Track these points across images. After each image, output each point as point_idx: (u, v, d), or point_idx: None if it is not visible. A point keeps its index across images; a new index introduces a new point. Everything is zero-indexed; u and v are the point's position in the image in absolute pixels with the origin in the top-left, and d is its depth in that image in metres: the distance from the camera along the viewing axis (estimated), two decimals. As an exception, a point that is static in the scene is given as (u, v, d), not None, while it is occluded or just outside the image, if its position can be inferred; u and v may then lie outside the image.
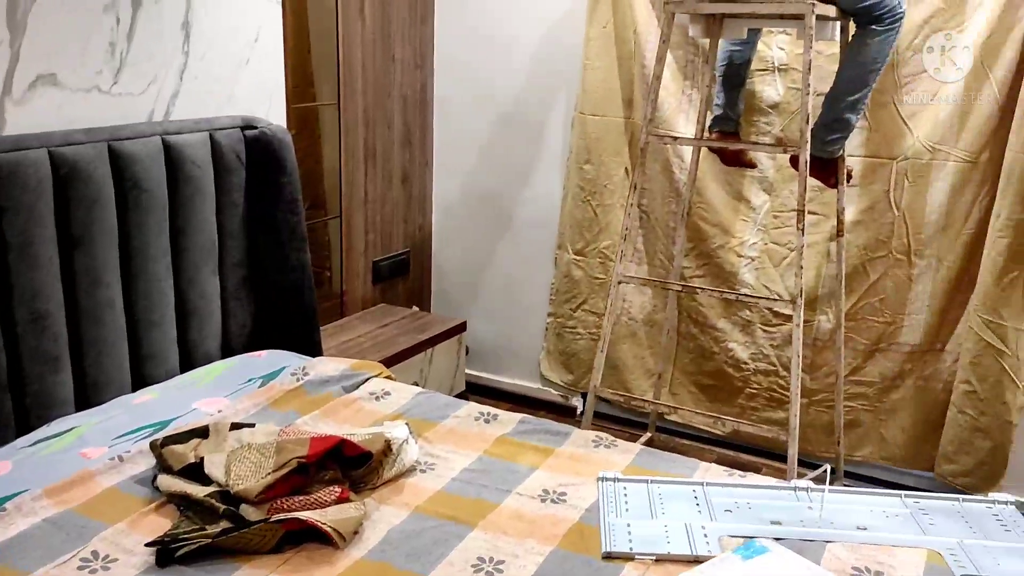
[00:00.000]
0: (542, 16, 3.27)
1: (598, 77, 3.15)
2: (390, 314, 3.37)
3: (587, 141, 3.20)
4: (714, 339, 3.11)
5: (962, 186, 2.73)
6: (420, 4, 3.39)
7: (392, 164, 3.41)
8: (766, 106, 2.93)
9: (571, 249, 3.31)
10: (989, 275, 2.69)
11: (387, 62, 3.29)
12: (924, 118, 2.74)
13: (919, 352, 2.88)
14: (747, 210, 3.02)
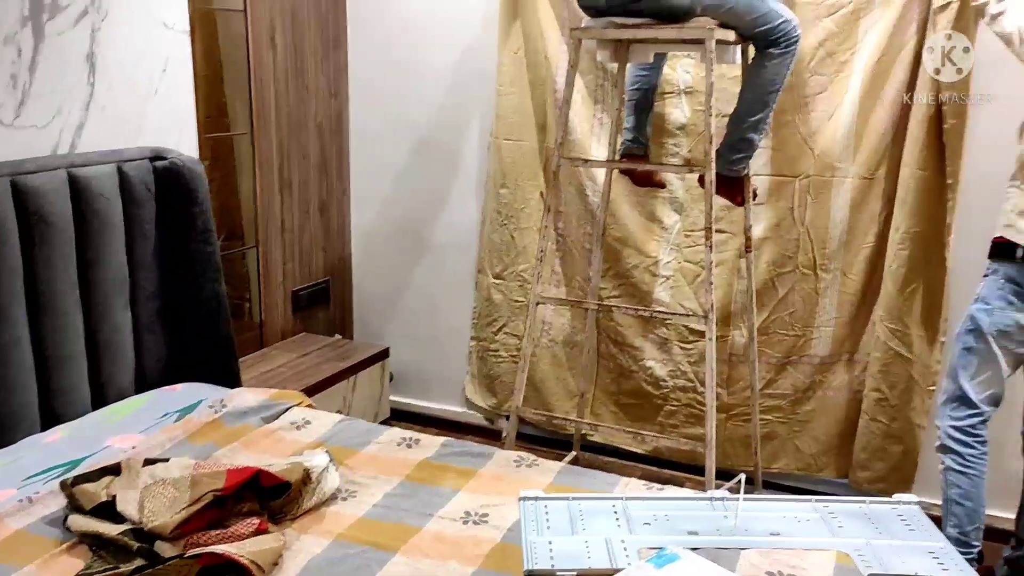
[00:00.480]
0: (455, 43, 3.32)
1: (512, 102, 3.20)
2: (311, 343, 3.34)
3: (503, 165, 3.24)
4: (633, 358, 3.17)
5: (862, 202, 2.86)
6: (332, 32, 3.40)
7: (310, 193, 3.39)
8: (674, 128, 3.02)
9: (491, 273, 3.34)
10: (892, 286, 2.82)
11: (301, 91, 3.28)
12: (823, 137, 2.86)
13: (829, 363, 2.98)
14: (660, 230, 3.10)
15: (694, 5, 2.42)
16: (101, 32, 2.35)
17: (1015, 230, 2.33)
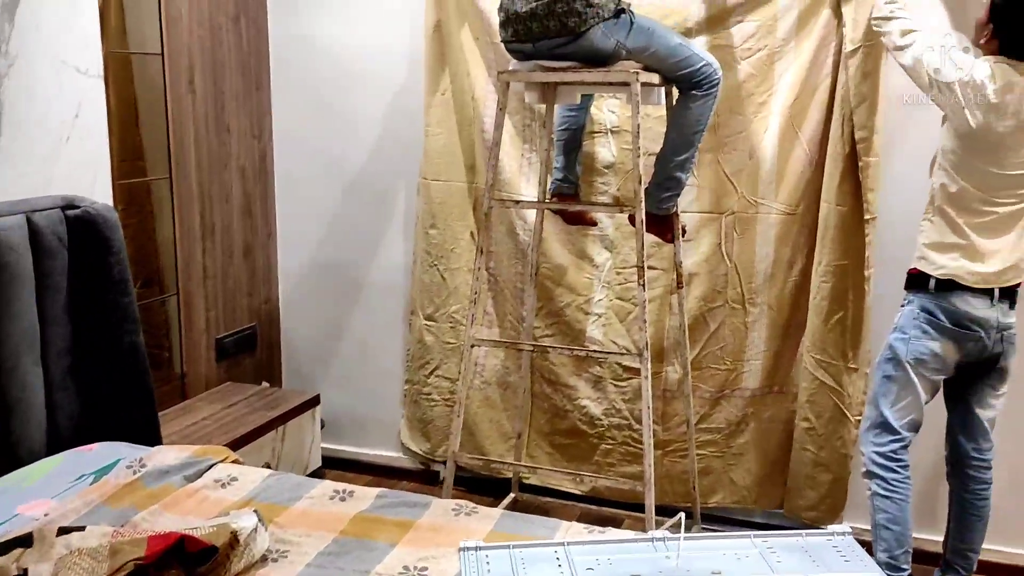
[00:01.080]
0: (382, 83, 3.29)
1: (439, 143, 3.18)
2: (237, 392, 3.23)
3: (431, 206, 3.22)
4: (567, 397, 3.16)
5: (785, 236, 2.92)
6: (254, 74, 3.34)
7: (233, 237, 3.30)
8: (602, 167, 3.04)
9: (422, 314, 3.29)
10: (816, 318, 2.87)
11: (222, 133, 3.20)
12: (746, 175, 2.92)
13: (760, 395, 3.02)
14: (591, 268, 3.11)
15: (619, 49, 2.46)
16: (8, 78, 2.25)
17: (927, 262, 2.41)
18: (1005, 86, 2.26)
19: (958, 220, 2.36)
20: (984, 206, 2.34)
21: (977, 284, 2.36)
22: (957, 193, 2.35)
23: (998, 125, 2.27)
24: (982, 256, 2.35)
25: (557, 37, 2.44)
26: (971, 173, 2.34)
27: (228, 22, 3.19)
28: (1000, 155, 2.31)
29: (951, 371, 2.45)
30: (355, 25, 3.29)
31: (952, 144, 2.35)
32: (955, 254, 2.36)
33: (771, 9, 2.82)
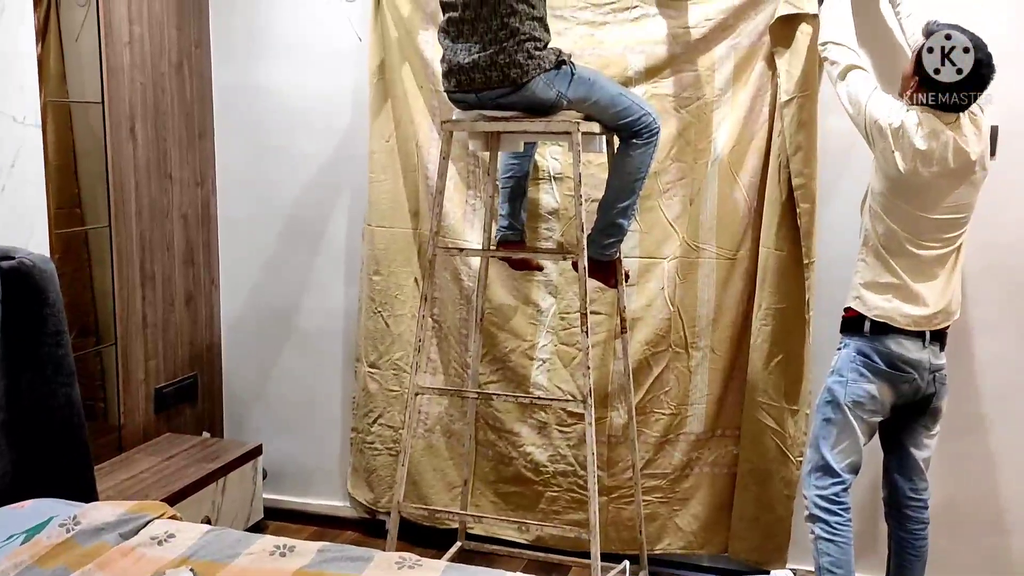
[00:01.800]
0: (327, 130, 3.30)
1: (384, 189, 3.19)
2: (177, 444, 3.16)
3: (376, 252, 3.21)
4: (512, 444, 3.15)
5: (726, 281, 2.97)
6: (198, 121, 3.32)
7: (174, 285, 3.26)
8: (546, 213, 3.07)
9: (366, 361, 3.27)
10: (757, 360, 2.92)
11: (164, 181, 3.17)
12: (687, 220, 2.97)
13: (704, 439, 3.04)
14: (535, 313, 3.12)
15: (560, 99, 2.50)
16: (-60, 127, 2.21)
17: (861, 302, 2.48)
18: (931, 134, 2.34)
19: (890, 261, 2.44)
20: (912, 248, 2.42)
21: (909, 327, 2.43)
22: (886, 234, 2.43)
23: (924, 171, 2.35)
24: (915, 298, 2.42)
25: (499, 88, 2.47)
26: (898, 215, 2.42)
27: (171, 70, 3.18)
28: (926, 200, 2.39)
29: (887, 413, 2.50)
30: (300, 72, 3.30)
31: (881, 186, 2.44)
32: (889, 295, 2.43)
33: (708, 60, 2.90)
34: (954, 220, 2.42)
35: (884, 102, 2.42)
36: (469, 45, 2.46)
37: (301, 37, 3.28)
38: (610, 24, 2.95)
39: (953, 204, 2.40)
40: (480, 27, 2.44)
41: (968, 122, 2.39)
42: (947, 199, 2.39)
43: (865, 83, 2.48)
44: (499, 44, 2.42)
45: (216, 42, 3.37)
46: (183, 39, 3.23)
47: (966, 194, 2.41)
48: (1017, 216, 2.77)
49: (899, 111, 2.39)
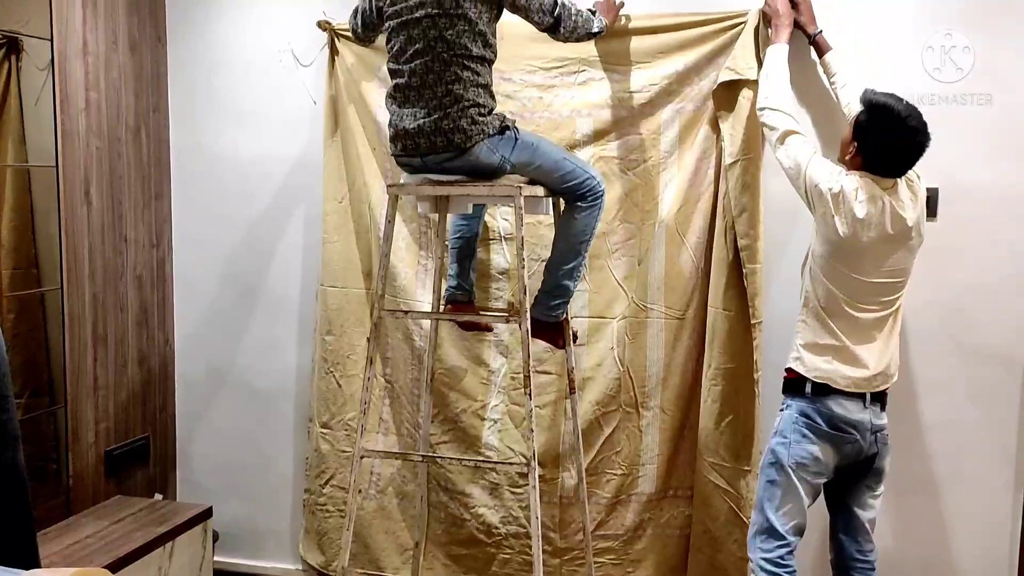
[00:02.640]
0: (281, 191, 3.33)
1: (337, 250, 3.21)
2: (126, 507, 3.12)
3: (328, 312, 3.22)
4: (463, 505, 3.12)
5: (675, 341, 2.98)
6: (154, 183, 3.35)
7: (127, 347, 3.25)
8: (497, 272, 3.09)
9: (319, 422, 3.26)
10: (708, 421, 2.91)
11: (118, 243, 3.19)
12: (635, 280, 2.99)
13: (656, 500, 3.03)
14: (487, 373, 3.12)
15: (504, 164, 2.53)
16: None
17: (802, 363, 2.49)
18: (869, 199, 2.38)
19: (830, 322, 2.46)
20: (851, 310, 2.44)
21: (850, 388, 2.44)
22: (826, 296, 2.45)
23: (863, 236, 2.38)
24: (855, 360, 2.43)
25: (444, 152, 2.51)
26: (838, 278, 2.44)
27: (128, 134, 3.22)
28: (864, 264, 2.42)
29: (831, 474, 2.50)
30: (256, 135, 3.34)
31: (821, 249, 2.46)
32: (829, 356, 2.45)
33: (654, 123, 2.95)
34: (892, 284, 2.45)
35: (824, 167, 2.46)
36: (415, 110, 2.50)
37: (258, 101, 3.33)
38: (558, 87, 3.01)
39: (891, 268, 2.43)
40: (426, 93, 2.48)
41: (905, 187, 2.43)
42: (885, 263, 2.42)
43: (804, 147, 2.53)
44: (443, 110, 2.46)
45: (174, 106, 3.42)
46: (141, 104, 3.27)
47: (903, 259, 2.44)
48: (959, 277, 2.81)
49: (838, 176, 2.43)
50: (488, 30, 2.49)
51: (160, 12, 3.35)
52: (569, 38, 2.65)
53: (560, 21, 2.58)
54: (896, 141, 2.37)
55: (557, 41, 2.67)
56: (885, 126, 2.38)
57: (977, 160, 2.76)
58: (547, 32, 2.61)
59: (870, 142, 2.40)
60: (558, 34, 2.62)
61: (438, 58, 2.45)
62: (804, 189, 2.48)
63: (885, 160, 2.40)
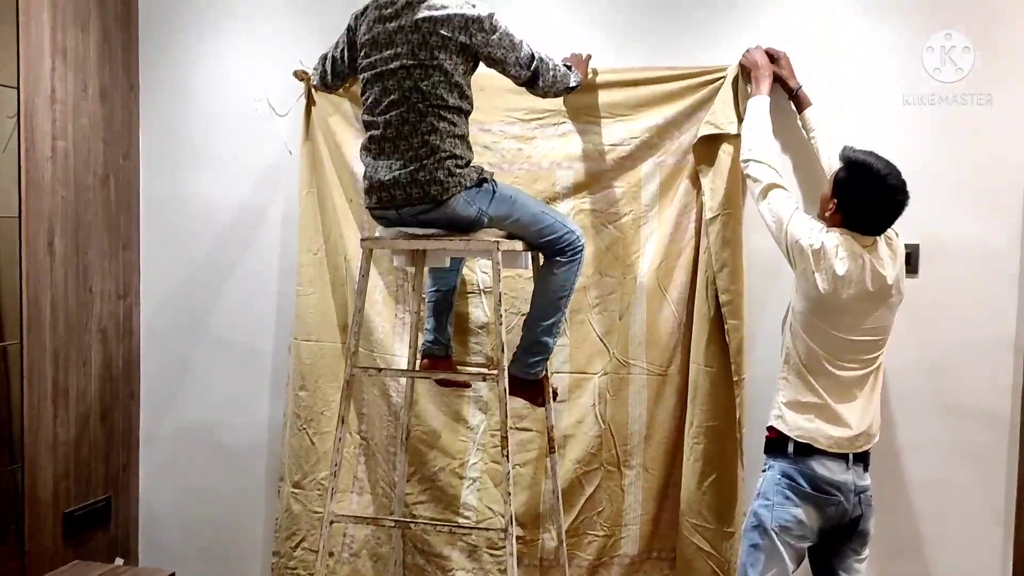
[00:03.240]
0: (255, 242, 3.26)
1: (311, 303, 3.13)
2: (85, 573, 2.98)
3: (302, 367, 3.13)
4: (441, 568, 3.01)
5: (657, 398, 2.92)
6: (123, 232, 3.27)
7: (89, 402, 3.14)
8: (475, 326, 3.02)
9: (290, 481, 3.14)
10: (691, 480, 2.84)
11: (83, 295, 3.09)
12: (617, 335, 2.93)
13: (639, 561, 2.93)
14: (465, 430, 3.03)
15: (481, 217, 2.49)
16: None
17: (784, 421, 2.43)
18: (850, 256, 2.35)
19: (811, 380, 2.41)
20: (831, 368, 2.40)
21: (832, 448, 2.38)
22: (807, 353, 2.41)
23: (843, 293, 2.35)
24: (837, 419, 2.39)
25: (419, 204, 2.45)
26: (818, 335, 2.40)
27: (96, 182, 3.14)
28: (845, 321, 2.38)
29: (815, 537, 2.43)
30: (230, 184, 3.28)
31: (802, 306, 2.42)
32: (811, 415, 2.40)
33: (635, 176, 2.92)
34: (872, 342, 2.42)
35: (805, 223, 2.43)
36: (390, 162, 2.46)
37: (232, 150, 3.27)
38: (538, 139, 2.97)
39: (871, 326, 2.40)
40: (402, 144, 2.44)
41: (884, 245, 2.41)
42: (866, 321, 2.39)
43: (786, 202, 2.50)
44: (420, 161, 2.41)
45: (145, 154, 3.35)
46: (111, 152, 3.20)
47: (884, 316, 2.41)
48: (943, 335, 2.78)
49: (819, 232, 2.40)
50: (464, 82, 2.46)
51: (133, 60, 3.29)
52: (548, 93, 2.62)
53: (538, 76, 2.55)
54: (876, 199, 2.35)
55: (535, 96, 2.64)
56: (864, 184, 2.36)
57: (958, 216, 2.75)
58: (525, 86, 2.58)
59: (850, 199, 2.38)
60: (536, 88, 2.58)
61: (414, 109, 2.41)
62: (785, 244, 2.45)
63: (865, 218, 2.38)
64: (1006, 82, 2.70)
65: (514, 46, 2.48)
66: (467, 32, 2.40)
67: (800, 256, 2.40)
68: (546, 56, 2.56)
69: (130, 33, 3.27)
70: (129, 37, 3.27)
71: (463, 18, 2.40)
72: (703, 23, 2.90)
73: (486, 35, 2.42)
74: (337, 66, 2.69)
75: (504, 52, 2.46)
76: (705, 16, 2.90)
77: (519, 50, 2.49)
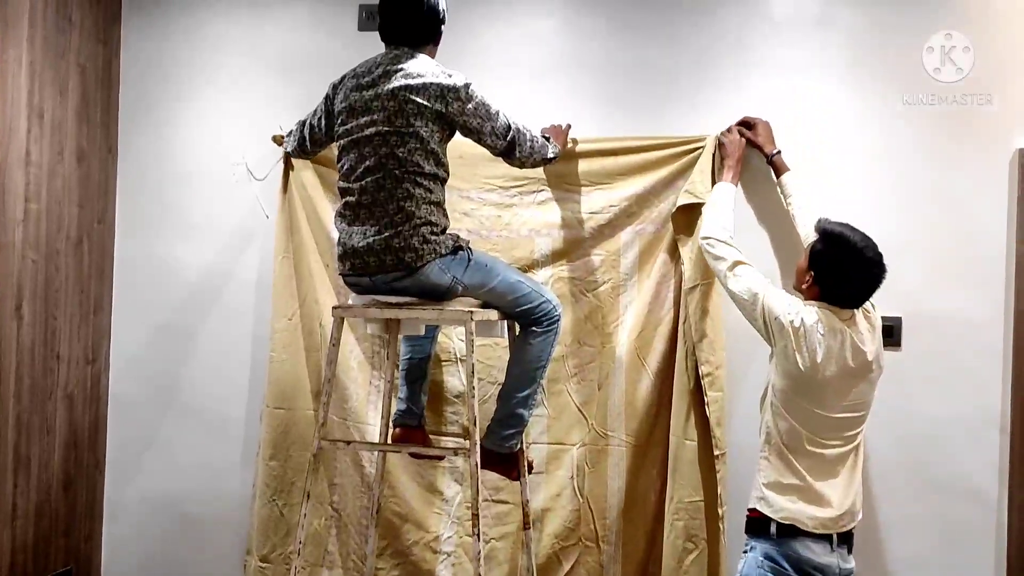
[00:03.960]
0: (228, 307, 3.21)
1: (284, 369, 3.06)
2: (40, 650, 2.86)
3: (273, 435, 3.04)
4: (413, 648, 2.90)
5: (636, 470, 2.84)
6: (94, 296, 3.21)
7: (52, 471, 3.04)
8: (452, 395, 2.96)
9: (257, 555, 3.03)
10: (672, 558, 2.74)
11: (49, 360, 3.02)
12: (595, 405, 2.87)
13: (619, 642, 2.83)
14: (440, 502, 2.95)
15: (455, 285, 2.44)
16: None
17: (766, 503, 2.35)
18: (830, 332, 2.29)
19: (792, 459, 2.33)
20: (812, 447, 2.32)
21: (817, 530, 2.30)
22: (789, 432, 2.34)
23: (825, 370, 2.28)
24: (820, 499, 2.31)
25: (393, 272, 2.41)
26: (799, 413, 2.33)
27: (68, 246, 3.09)
28: (826, 398, 2.31)
29: (799, 622, 2.33)
30: (206, 248, 3.24)
31: (781, 383, 2.36)
32: (793, 496, 2.31)
33: (614, 244, 2.89)
34: (854, 418, 2.36)
35: (782, 298, 2.38)
36: (365, 228, 2.42)
37: (209, 213, 3.24)
38: (516, 206, 2.95)
39: (852, 402, 2.34)
40: (377, 211, 2.41)
41: (862, 319, 2.36)
42: (847, 397, 2.33)
43: (757, 276, 2.45)
44: (395, 228, 2.38)
45: (121, 217, 3.31)
46: (85, 215, 3.16)
47: (865, 391, 2.36)
48: (926, 410, 2.73)
49: (797, 307, 2.34)
50: (440, 149, 2.44)
51: (112, 123, 3.28)
52: (525, 163, 2.59)
53: (514, 146, 2.52)
54: (853, 272, 2.31)
55: (512, 165, 2.61)
56: (842, 256, 2.31)
57: (940, 288, 2.72)
58: (501, 156, 2.55)
59: (827, 272, 2.33)
60: (512, 159, 2.55)
61: (390, 175, 2.39)
62: (762, 320, 2.38)
63: (843, 291, 2.33)
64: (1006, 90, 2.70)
65: (490, 116, 2.46)
66: (443, 100, 2.39)
67: (780, 333, 2.33)
68: (523, 127, 2.54)
69: (110, 96, 3.26)
70: (109, 100, 3.26)
71: (439, 87, 2.39)
72: (683, 91, 2.91)
73: (462, 104, 2.41)
74: (315, 133, 2.67)
75: (480, 122, 2.45)
76: (685, 85, 2.91)
77: (495, 120, 2.47)
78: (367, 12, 3.11)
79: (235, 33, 3.24)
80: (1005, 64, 2.70)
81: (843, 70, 2.81)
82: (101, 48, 3.20)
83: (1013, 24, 2.70)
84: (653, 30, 2.94)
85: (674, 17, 2.93)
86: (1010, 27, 2.70)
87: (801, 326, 2.30)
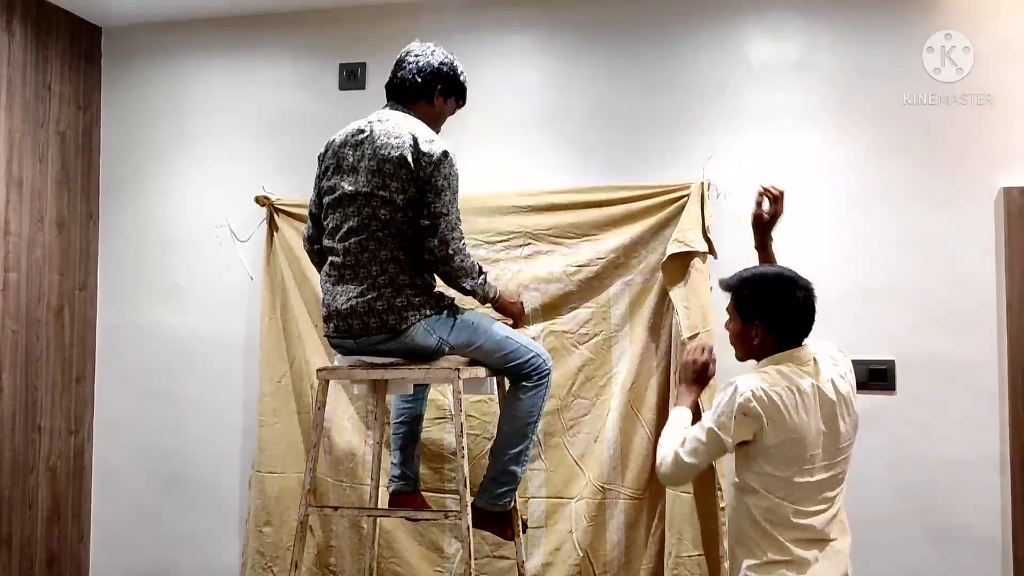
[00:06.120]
0: (214, 372, 3.17)
1: (274, 433, 3.01)
2: None
3: (266, 501, 2.98)
4: None
5: (634, 523, 2.79)
6: (76, 365, 3.16)
7: (35, 547, 2.96)
8: (448, 453, 2.91)
9: (248, 628, 2.95)
10: (674, 612, 2.67)
11: (30, 432, 2.96)
12: (592, 458, 2.82)
13: None
14: (440, 560, 2.89)
15: (441, 345, 2.39)
16: None
17: None
18: (795, 391, 2.04)
19: (779, 537, 2.15)
20: (799, 520, 2.08)
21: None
22: (772, 510, 2.09)
23: (801, 431, 2.03)
24: (807, 566, 2.17)
25: (377, 334, 2.36)
26: (781, 487, 2.08)
27: (49, 315, 3.05)
28: (803, 462, 2.06)
29: None
30: (189, 313, 3.21)
31: (758, 466, 2.09)
32: (782, 570, 2.16)
33: (603, 296, 2.87)
34: (833, 477, 2.11)
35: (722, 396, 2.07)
36: (348, 289, 2.37)
37: (193, 277, 3.21)
38: (504, 261, 2.93)
39: (828, 462, 2.10)
40: (360, 272, 2.35)
41: (830, 364, 2.14)
42: (825, 455, 2.08)
43: (696, 432, 2.14)
44: (378, 290, 2.33)
45: (103, 284, 3.28)
46: (66, 283, 3.13)
47: (845, 438, 2.11)
48: (922, 455, 2.68)
49: (748, 384, 2.05)
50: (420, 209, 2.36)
51: (93, 189, 3.26)
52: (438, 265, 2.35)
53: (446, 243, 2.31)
54: (789, 296, 2.08)
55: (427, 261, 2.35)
56: (769, 288, 2.11)
57: (932, 331, 2.69)
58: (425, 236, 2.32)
59: (771, 309, 2.10)
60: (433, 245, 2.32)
61: (373, 237, 2.34)
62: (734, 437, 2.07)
63: (794, 318, 2.10)
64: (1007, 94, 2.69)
65: (447, 203, 2.32)
66: (418, 164, 2.33)
67: (743, 420, 2.04)
68: (465, 246, 2.36)
69: (91, 162, 3.25)
70: (89, 166, 3.24)
71: (416, 150, 2.33)
72: (668, 138, 2.91)
73: (434, 168, 2.32)
74: (314, 214, 2.51)
75: (434, 196, 2.31)
76: (669, 132, 2.91)
77: (448, 209, 2.32)
78: (347, 71, 3.11)
79: (215, 96, 3.23)
80: (995, 97, 2.70)
81: (826, 114, 2.82)
82: (81, 115, 3.19)
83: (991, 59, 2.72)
84: (636, 79, 2.95)
85: (656, 66, 2.93)
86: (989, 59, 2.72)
87: (763, 394, 2.03)
